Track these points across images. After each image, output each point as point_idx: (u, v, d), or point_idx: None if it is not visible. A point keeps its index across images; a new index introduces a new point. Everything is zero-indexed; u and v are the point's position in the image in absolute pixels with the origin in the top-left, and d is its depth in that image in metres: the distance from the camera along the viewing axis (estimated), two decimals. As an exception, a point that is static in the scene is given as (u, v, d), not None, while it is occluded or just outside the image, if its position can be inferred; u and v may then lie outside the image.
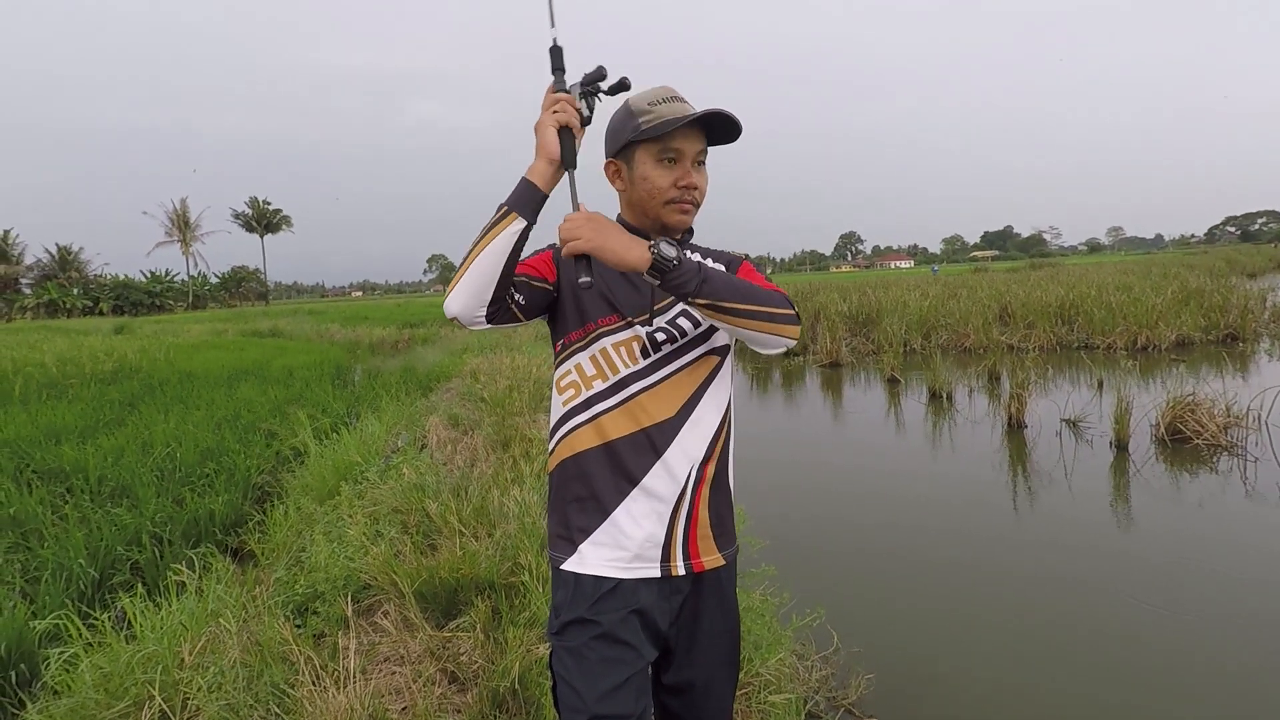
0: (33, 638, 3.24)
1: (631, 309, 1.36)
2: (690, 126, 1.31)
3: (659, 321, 1.36)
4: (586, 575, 1.32)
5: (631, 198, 1.38)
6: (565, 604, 1.33)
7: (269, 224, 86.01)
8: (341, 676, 2.36)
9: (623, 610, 1.30)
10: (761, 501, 4.54)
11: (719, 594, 1.40)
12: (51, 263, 68.26)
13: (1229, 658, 2.99)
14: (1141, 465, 5.61)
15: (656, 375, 1.35)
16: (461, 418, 6.83)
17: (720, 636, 1.41)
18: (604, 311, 1.37)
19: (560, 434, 1.39)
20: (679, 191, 1.33)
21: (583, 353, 1.37)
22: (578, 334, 1.37)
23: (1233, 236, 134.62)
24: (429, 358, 13.62)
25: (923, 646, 3.23)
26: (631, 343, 1.35)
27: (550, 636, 1.36)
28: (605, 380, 1.35)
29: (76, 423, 7.45)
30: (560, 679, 1.30)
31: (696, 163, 1.35)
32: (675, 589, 1.35)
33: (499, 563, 3.18)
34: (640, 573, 1.32)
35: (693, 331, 1.37)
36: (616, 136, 1.37)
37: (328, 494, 4.79)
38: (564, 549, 1.35)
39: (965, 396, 8.65)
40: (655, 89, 1.36)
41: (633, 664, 1.30)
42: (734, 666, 1.47)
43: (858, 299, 16.65)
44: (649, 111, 1.31)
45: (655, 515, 1.33)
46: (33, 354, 14.30)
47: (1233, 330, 11.70)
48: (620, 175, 1.39)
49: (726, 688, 1.46)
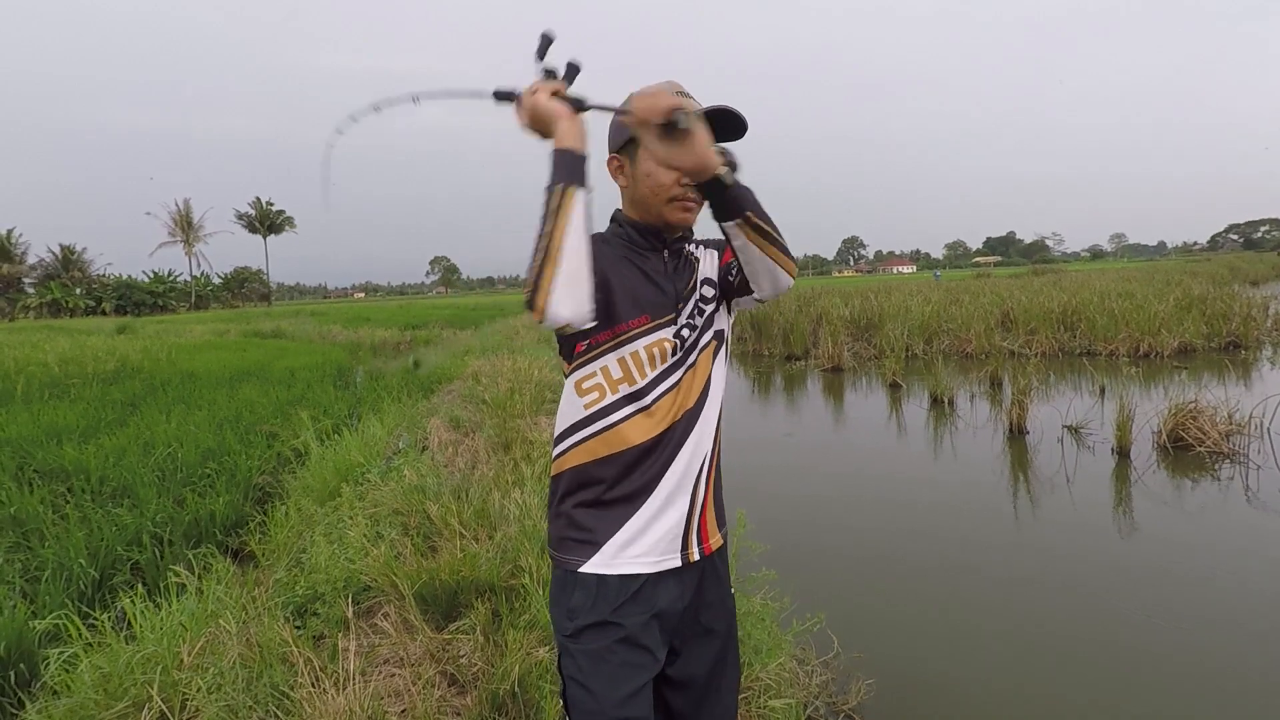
0: (32, 637, 3.25)
1: (657, 310, 1.35)
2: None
3: (682, 319, 1.37)
4: (612, 576, 1.30)
5: (634, 194, 1.37)
6: (584, 607, 1.30)
7: (272, 225, 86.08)
8: (341, 678, 2.36)
9: (645, 614, 1.30)
10: (762, 505, 4.53)
11: (717, 573, 1.44)
12: (55, 262, 68.40)
13: (1230, 666, 2.98)
14: (1143, 472, 5.60)
15: (679, 372, 1.35)
16: (463, 420, 6.83)
17: (721, 611, 1.44)
18: (633, 313, 1.33)
19: (577, 438, 1.35)
20: (682, 189, 1.32)
21: (609, 355, 1.33)
22: (606, 335, 1.32)
23: (1236, 244, 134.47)
24: (431, 359, 13.63)
25: (923, 653, 3.22)
26: (663, 343, 1.34)
27: (563, 639, 1.33)
28: (633, 384, 1.32)
29: (78, 422, 7.46)
30: (575, 683, 1.29)
31: None
32: (689, 574, 1.37)
33: (499, 565, 3.18)
34: (665, 565, 1.33)
35: (700, 321, 1.39)
36: (620, 132, 1.36)
37: (329, 495, 4.79)
38: (582, 551, 1.33)
39: (967, 402, 8.64)
40: (661, 83, 1.33)
41: (650, 670, 1.30)
42: (737, 654, 1.49)
43: (860, 304, 16.65)
44: None
45: (676, 507, 1.34)
46: (35, 353, 14.31)
47: (1235, 338, 11.68)
48: (623, 171, 1.38)
49: (734, 677, 1.47)
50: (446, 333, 22.04)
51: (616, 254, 1.37)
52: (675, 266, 1.42)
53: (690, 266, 1.44)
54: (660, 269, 1.39)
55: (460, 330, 22.58)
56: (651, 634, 1.31)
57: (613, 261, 1.34)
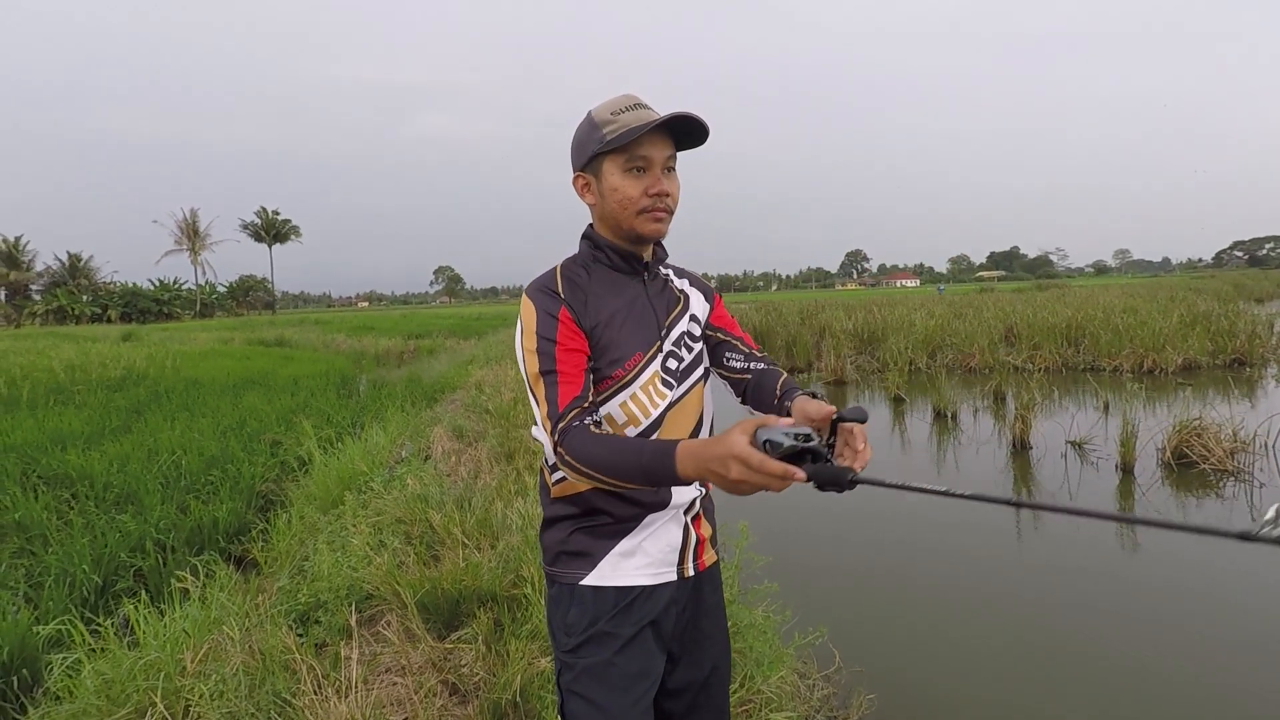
0: (36, 643, 3.26)
1: (647, 342, 1.36)
2: (656, 133, 1.28)
3: (667, 345, 1.38)
4: (609, 588, 1.32)
5: (603, 211, 1.35)
6: (582, 620, 1.31)
7: (278, 234, 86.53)
8: (343, 686, 2.36)
9: (640, 623, 1.32)
10: (763, 518, 4.53)
11: (713, 586, 1.47)
12: (61, 270, 68.74)
13: (1231, 685, 2.96)
14: (1147, 489, 5.58)
15: (675, 403, 1.37)
16: (466, 429, 6.84)
17: (717, 623, 1.46)
18: (628, 354, 1.33)
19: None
20: (651, 200, 1.30)
21: (611, 401, 1.32)
22: (607, 383, 1.32)
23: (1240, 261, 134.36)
24: (433, 368, 13.65)
25: (924, 668, 3.21)
26: (655, 380, 1.35)
27: (562, 655, 1.33)
28: (638, 425, 1.33)
29: (83, 429, 7.49)
30: (576, 695, 1.29)
31: (666, 169, 1.32)
32: (684, 590, 1.39)
33: (501, 574, 3.18)
34: (662, 578, 1.35)
35: (688, 357, 1.41)
36: (582, 149, 1.33)
37: (331, 503, 4.80)
38: (580, 565, 1.34)
39: (970, 416, 8.62)
40: (618, 97, 1.32)
41: (650, 678, 1.32)
42: (729, 654, 1.51)
43: (863, 317, 16.66)
44: (613, 121, 1.28)
45: (675, 525, 1.38)
46: (41, 360, 14.37)
47: (1240, 355, 11.65)
48: (590, 189, 1.36)
49: (725, 678, 1.49)
50: (450, 342, 22.06)
51: (600, 286, 1.36)
52: (655, 290, 1.43)
53: (671, 294, 1.46)
54: (642, 295, 1.39)
55: (464, 340, 22.60)
56: (647, 643, 1.32)
57: (600, 298, 1.34)
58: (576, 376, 1.25)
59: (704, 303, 1.51)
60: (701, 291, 1.52)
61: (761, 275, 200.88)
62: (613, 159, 1.29)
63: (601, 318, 1.32)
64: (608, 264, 1.38)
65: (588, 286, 1.34)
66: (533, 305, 1.30)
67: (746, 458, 0.97)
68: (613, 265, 1.38)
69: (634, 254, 1.38)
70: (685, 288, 1.49)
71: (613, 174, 1.30)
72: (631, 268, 1.39)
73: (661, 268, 1.48)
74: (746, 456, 0.97)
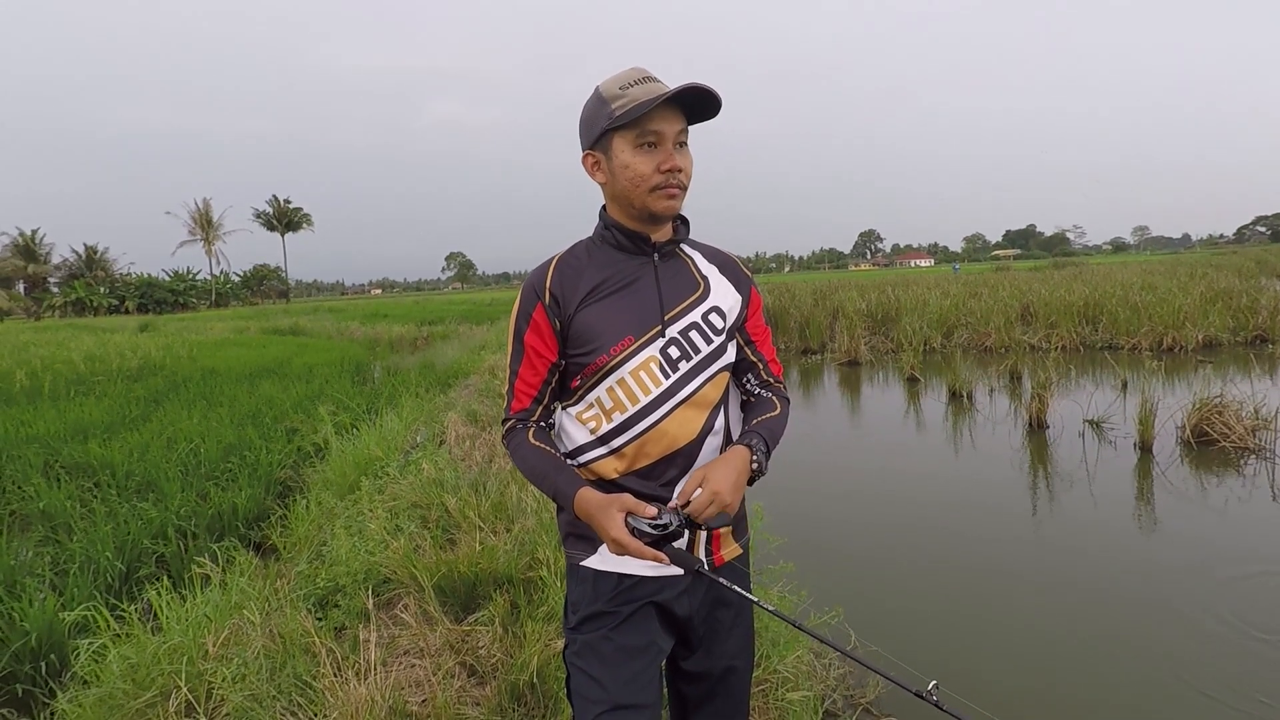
0: (62, 629, 3.32)
1: (641, 328, 1.30)
2: (667, 106, 1.22)
3: (671, 331, 1.31)
4: (608, 573, 1.32)
5: (615, 189, 1.29)
6: (584, 599, 1.33)
7: (290, 223, 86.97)
8: (362, 668, 2.39)
9: (640, 601, 1.31)
10: (780, 498, 4.51)
11: (734, 579, 1.40)
12: (78, 262, 69.56)
13: (1255, 666, 2.93)
14: (1166, 467, 5.52)
15: (678, 397, 1.30)
16: (480, 414, 6.87)
17: (739, 621, 1.43)
18: (614, 338, 1.28)
19: (577, 462, 1.35)
20: (663, 176, 1.24)
21: (598, 387, 1.30)
22: (592, 369, 1.29)
23: (1263, 236, 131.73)
24: (447, 354, 13.70)
25: (939, 648, 3.21)
26: (650, 364, 1.29)
27: (568, 632, 1.36)
28: (624, 411, 1.28)
29: (103, 419, 7.60)
30: (579, 670, 1.30)
31: (678, 144, 1.26)
32: (699, 581, 1.35)
33: (517, 557, 3.20)
34: (665, 571, 1.31)
35: (706, 349, 1.33)
36: (591, 126, 1.28)
37: (348, 489, 4.85)
38: (584, 547, 1.34)
39: (986, 396, 8.56)
40: (626, 71, 1.26)
41: (650, 655, 1.31)
42: (751, 654, 1.48)
43: (877, 297, 16.53)
44: (621, 96, 1.22)
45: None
46: (61, 351, 14.58)
47: (1262, 332, 11.46)
48: (600, 167, 1.30)
49: (745, 676, 1.46)
50: (463, 328, 22.11)
51: (598, 268, 1.32)
52: (666, 273, 1.35)
53: (689, 277, 1.37)
54: (646, 277, 1.33)
55: (476, 325, 22.66)
56: (648, 619, 1.31)
57: (592, 280, 1.31)
58: (530, 391, 1.35)
59: (734, 295, 1.40)
60: (733, 281, 1.41)
61: (774, 256, 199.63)
62: (622, 135, 1.24)
63: (589, 301, 1.29)
64: (614, 244, 1.34)
65: (583, 270, 1.31)
66: (518, 303, 1.36)
67: (623, 543, 1.17)
68: (618, 245, 1.33)
69: (640, 233, 1.32)
70: (712, 274, 1.39)
71: (623, 151, 1.25)
72: (637, 247, 1.33)
73: (686, 247, 1.40)
74: (623, 542, 1.17)
